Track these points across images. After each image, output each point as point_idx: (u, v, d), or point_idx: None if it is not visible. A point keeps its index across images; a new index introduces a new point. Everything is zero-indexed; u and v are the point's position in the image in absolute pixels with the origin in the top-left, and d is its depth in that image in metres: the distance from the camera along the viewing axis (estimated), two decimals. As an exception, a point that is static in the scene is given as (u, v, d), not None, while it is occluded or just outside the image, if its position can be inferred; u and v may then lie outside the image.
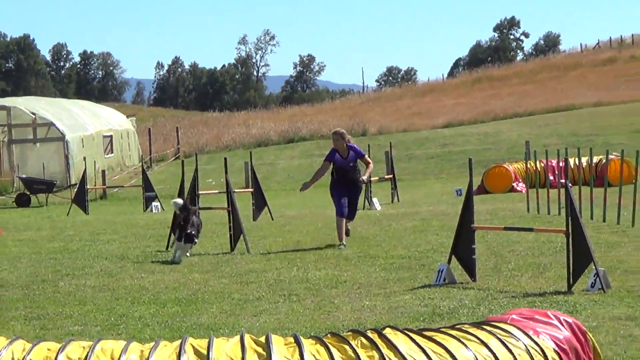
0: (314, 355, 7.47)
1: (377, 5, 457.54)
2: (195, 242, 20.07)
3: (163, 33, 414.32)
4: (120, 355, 7.37)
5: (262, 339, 7.58)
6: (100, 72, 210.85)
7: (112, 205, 41.41)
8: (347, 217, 21.09)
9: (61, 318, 13.86)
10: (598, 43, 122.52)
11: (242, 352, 7.40)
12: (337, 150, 20.95)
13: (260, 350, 7.45)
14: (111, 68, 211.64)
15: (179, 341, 7.58)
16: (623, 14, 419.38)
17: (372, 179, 32.51)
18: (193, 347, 7.51)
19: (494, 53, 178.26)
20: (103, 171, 47.51)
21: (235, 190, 22.83)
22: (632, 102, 67.05)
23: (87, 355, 7.34)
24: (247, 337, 7.61)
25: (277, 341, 7.57)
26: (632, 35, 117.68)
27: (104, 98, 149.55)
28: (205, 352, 7.42)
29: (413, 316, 13.05)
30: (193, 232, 19.83)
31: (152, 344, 7.62)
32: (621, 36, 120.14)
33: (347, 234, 21.15)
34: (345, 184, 20.93)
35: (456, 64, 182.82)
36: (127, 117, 62.69)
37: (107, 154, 53.60)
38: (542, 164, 31.27)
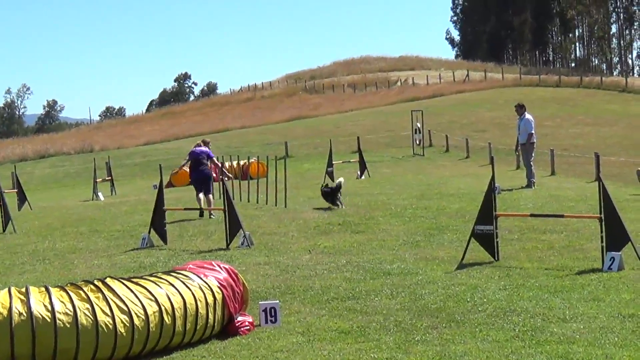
0: (58, 298, 7.60)
1: (96, 61, 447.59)
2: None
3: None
4: None
5: (24, 290, 7.68)
6: None
7: None
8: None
9: None
10: (241, 88, 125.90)
11: (10, 299, 7.47)
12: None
13: (22, 297, 7.54)
14: None
15: (-35, 295, 7.60)
16: (256, 68, 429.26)
17: (98, 179, 32.34)
18: (-24, 298, 7.52)
19: (176, 96, 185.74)
20: None
21: (5, 191, 22.07)
22: (263, 125, 69.18)
23: None
24: (13, 289, 7.70)
25: (33, 290, 7.68)
26: (262, 82, 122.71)
27: None
28: (-16, 301, 7.44)
29: (126, 269, 13.08)
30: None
31: (-54, 298, 7.58)
32: (255, 83, 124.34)
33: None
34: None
35: (151, 104, 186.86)
36: None
37: None
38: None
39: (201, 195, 20.74)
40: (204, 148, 21.66)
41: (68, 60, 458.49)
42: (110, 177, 35.16)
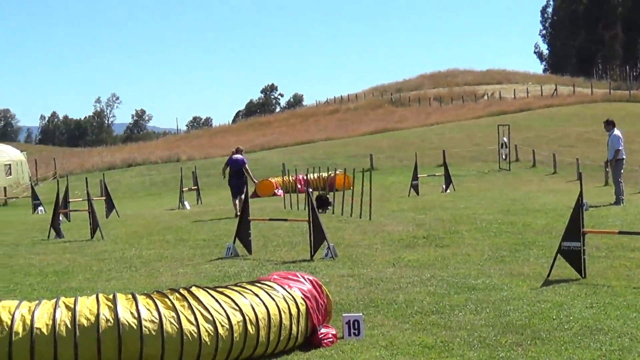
0: (144, 306, 7.65)
1: (184, 71, 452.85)
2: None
3: (43, 93, 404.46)
4: (14, 309, 7.44)
5: (111, 296, 7.76)
6: (1, 122, 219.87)
7: (11, 209, 40.35)
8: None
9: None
10: (327, 100, 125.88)
11: (97, 305, 7.55)
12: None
13: (110, 304, 7.61)
14: (9, 119, 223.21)
15: (55, 299, 7.69)
16: (342, 80, 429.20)
17: (184, 189, 32.82)
18: (64, 303, 7.60)
19: (262, 107, 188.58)
20: (5, 188, 47.82)
21: (94, 198, 22.33)
22: (348, 137, 68.54)
23: (-9, 311, 7.40)
24: (101, 296, 7.78)
25: (120, 297, 7.75)
26: (348, 95, 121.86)
27: (4, 139, 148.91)
28: (72, 306, 7.53)
29: (211, 278, 12.98)
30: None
31: (37, 301, 7.68)
32: (341, 96, 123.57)
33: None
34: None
35: (237, 114, 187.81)
36: (21, 151, 61.33)
37: (7, 176, 52.85)
38: (293, 178, 31.38)
39: (237, 201, 22.91)
40: (239, 156, 24.09)
41: (157, 70, 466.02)
42: (196, 187, 35.62)
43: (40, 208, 34.83)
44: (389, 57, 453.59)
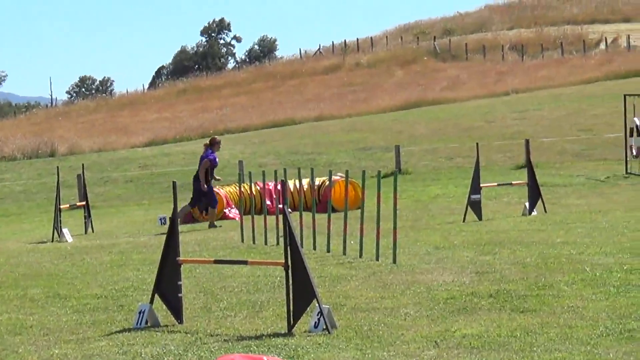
0: None
1: (68, 5, 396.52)
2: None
3: None
4: None
5: None
6: None
7: None
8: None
9: None
10: (319, 49, 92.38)
11: None
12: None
13: None
14: None
15: None
16: (346, 18, 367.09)
17: (63, 205, 24.86)
18: None
19: (202, 60, 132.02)
20: None
21: None
22: (357, 116, 53.29)
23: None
24: None
25: None
26: (357, 39, 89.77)
27: None
28: None
29: None
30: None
31: None
32: (345, 41, 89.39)
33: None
34: None
35: (158, 73, 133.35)
36: None
37: None
38: (258, 187, 24.68)
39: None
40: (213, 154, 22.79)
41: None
42: (84, 202, 26.39)
43: None
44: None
